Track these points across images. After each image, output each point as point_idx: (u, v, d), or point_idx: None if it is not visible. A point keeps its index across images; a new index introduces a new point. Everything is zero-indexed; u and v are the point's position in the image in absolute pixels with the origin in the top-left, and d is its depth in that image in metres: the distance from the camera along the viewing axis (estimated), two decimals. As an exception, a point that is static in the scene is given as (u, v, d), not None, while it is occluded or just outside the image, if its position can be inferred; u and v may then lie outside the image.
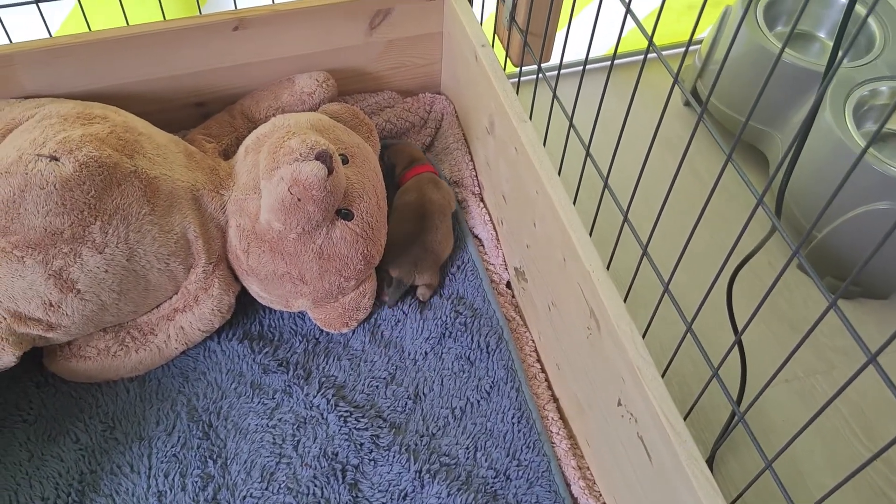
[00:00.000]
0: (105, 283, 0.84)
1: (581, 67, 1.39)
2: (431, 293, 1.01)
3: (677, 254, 0.77)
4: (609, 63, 1.44)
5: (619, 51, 1.44)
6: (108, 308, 0.86)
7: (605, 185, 0.78)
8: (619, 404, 0.77)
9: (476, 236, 1.07)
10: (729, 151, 0.60)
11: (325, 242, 0.88)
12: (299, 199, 0.83)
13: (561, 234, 0.82)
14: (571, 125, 0.82)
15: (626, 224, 0.76)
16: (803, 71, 1.17)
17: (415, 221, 1.01)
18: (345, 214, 0.89)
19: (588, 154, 0.80)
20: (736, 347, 0.97)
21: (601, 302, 0.76)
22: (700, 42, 1.43)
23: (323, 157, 0.83)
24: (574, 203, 0.83)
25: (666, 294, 0.72)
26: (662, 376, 0.72)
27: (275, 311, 0.99)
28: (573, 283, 0.82)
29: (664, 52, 1.47)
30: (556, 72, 1.35)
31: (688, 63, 1.40)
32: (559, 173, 0.86)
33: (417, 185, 1.04)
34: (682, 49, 1.47)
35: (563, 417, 0.93)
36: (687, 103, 1.40)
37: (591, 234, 0.82)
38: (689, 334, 0.71)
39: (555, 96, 0.84)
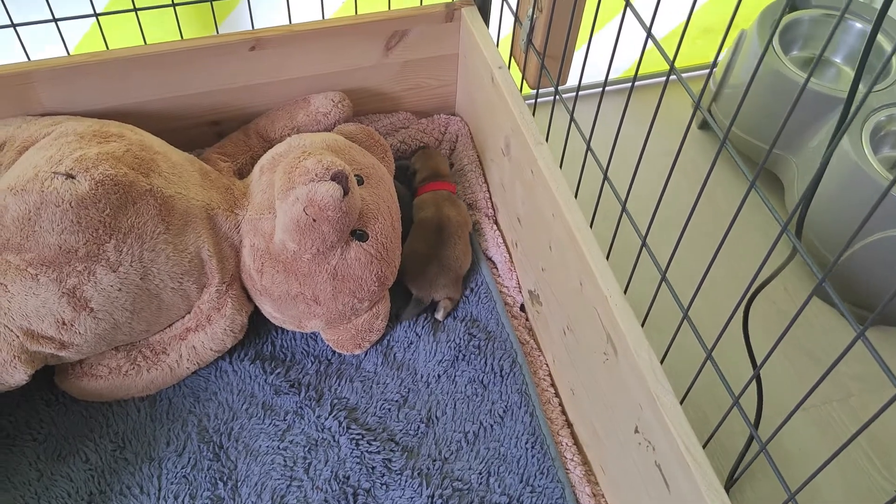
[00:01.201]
0: (118, 302, 0.83)
1: (596, 90, 1.39)
2: (454, 306, 1.00)
3: (692, 278, 0.76)
4: (628, 85, 1.44)
5: (627, 75, 1.44)
6: (121, 327, 0.85)
7: (623, 210, 0.78)
8: (637, 431, 0.76)
9: (490, 258, 1.06)
10: (752, 178, 0.59)
11: (340, 263, 0.88)
12: (314, 220, 0.83)
13: (577, 258, 0.82)
14: (589, 148, 0.81)
15: (644, 249, 0.76)
16: (819, 96, 1.17)
17: (433, 238, 1.01)
18: (360, 235, 0.89)
19: (605, 178, 0.80)
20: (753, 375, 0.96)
21: (618, 327, 0.75)
22: (715, 65, 1.43)
23: (339, 177, 0.83)
24: (591, 226, 0.83)
25: (684, 321, 0.71)
26: (681, 403, 0.71)
27: (287, 331, 0.98)
28: (589, 308, 0.81)
29: (672, 77, 1.48)
30: (572, 94, 1.35)
31: (701, 86, 1.40)
32: (575, 196, 0.86)
33: (435, 201, 1.04)
34: (696, 73, 1.47)
35: (577, 443, 0.92)
36: (702, 127, 1.39)
37: (607, 258, 0.81)
38: (708, 362, 0.70)
39: (572, 119, 0.84)
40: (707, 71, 1.41)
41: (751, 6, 1.39)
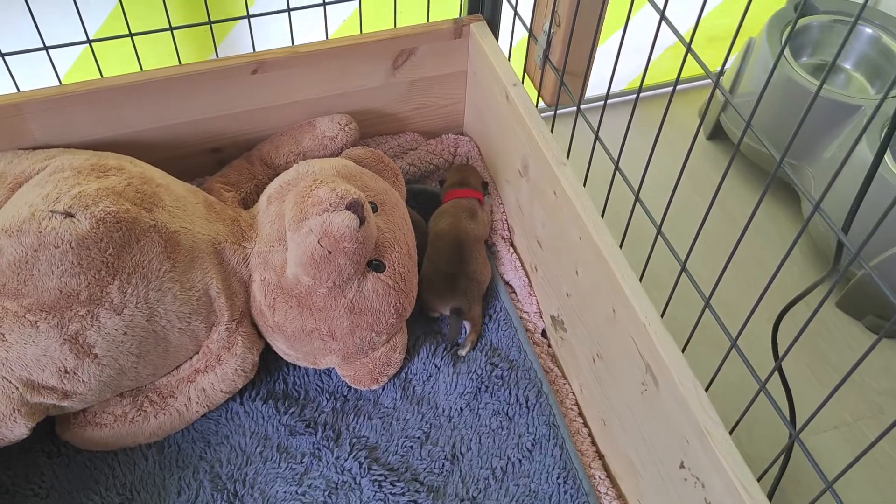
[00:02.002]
0: (124, 346, 0.78)
1: (610, 101, 1.35)
2: (478, 332, 0.97)
3: (719, 298, 0.72)
4: (632, 97, 1.41)
5: (632, 86, 1.41)
6: (127, 372, 0.80)
7: (659, 232, 0.74)
8: (682, 467, 0.72)
9: (507, 283, 1.02)
10: (769, 179, 0.56)
11: (357, 296, 0.83)
12: (330, 252, 0.78)
13: (609, 283, 0.78)
14: (617, 168, 0.78)
15: (683, 272, 0.72)
16: (833, 103, 1.14)
17: (454, 255, 0.97)
18: (376, 266, 0.84)
19: (637, 199, 0.76)
20: (783, 393, 0.92)
21: (659, 357, 0.71)
22: (723, 73, 1.40)
23: (354, 206, 0.79)
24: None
25: (734, 349, 0.67)
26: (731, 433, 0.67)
27: (299, 367, 0.93)
28: (624, 336, 0.77)
29: (684, 86, 1.45)
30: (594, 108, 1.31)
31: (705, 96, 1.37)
32: (601, 216, 0.82)
33: (453, 211, 1.00)
34: (701, 82, 1.44)
35: (610, 476, 0.87)
36: (711, 137, 1.36)
37: (640, 281, 0.77)
38: (762, 392, 0.66)
39: (597, 138, 0.80)
40: (707, 81, 1.38)
41: (756, 14, 1.36)
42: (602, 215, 0.82)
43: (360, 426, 0.90)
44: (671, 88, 1.42)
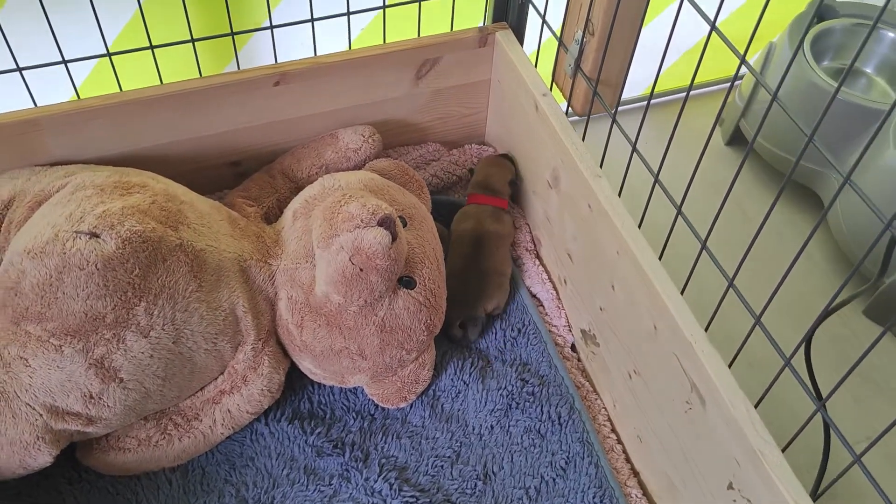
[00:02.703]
0: (150, 369, 0.76)
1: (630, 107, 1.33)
2: (502, 310, 0.97)
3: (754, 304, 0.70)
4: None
5: (649, 91, 1.39)
6: (152, 395, 0.78)
7: (703, 247, 0.72)
8: (731, 488, 0.70)
9: (534, 295, 1.00)
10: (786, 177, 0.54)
11: (388, 314, 0.81)
12: (361, 270, 0.76)
13: (650, 299, 0.76)
14: (657, 181, 0.76)
15: (731, 289, 0.70)
16: (856, 107, 1.12)
17: (469, 252, 0.96)
18: (407, 283, 0.82)
19: (679, 212, 0.74)
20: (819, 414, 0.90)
21: (708, 376, 0.69)
22: (742, 78, 1.38)
23: (386, 222, 0.76)
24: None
25: (787, 368, 0.65)
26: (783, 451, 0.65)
27: (324, 385, 0.91)
28: (667, 353, 0.75)
29: (702, 90, 1.43)
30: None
31: (728, 101, 1.35)
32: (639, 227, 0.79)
33: (477, 213, 0.99)
34: (719, 86, 1.43)
35: (647, 494, 0.85)
36: (729, 143, 1.34)
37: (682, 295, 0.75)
38: (820, 414, 0.64)
39: (634, 149, 0.78)
40: (729, 84, 1.36)
41: (778, 18, 1.34)
42: (639, 227, 0.80)
43: (389, 446, 0.88)
44: (706, 90, 1.41)
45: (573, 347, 0.97)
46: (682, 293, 0.75)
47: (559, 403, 0.90)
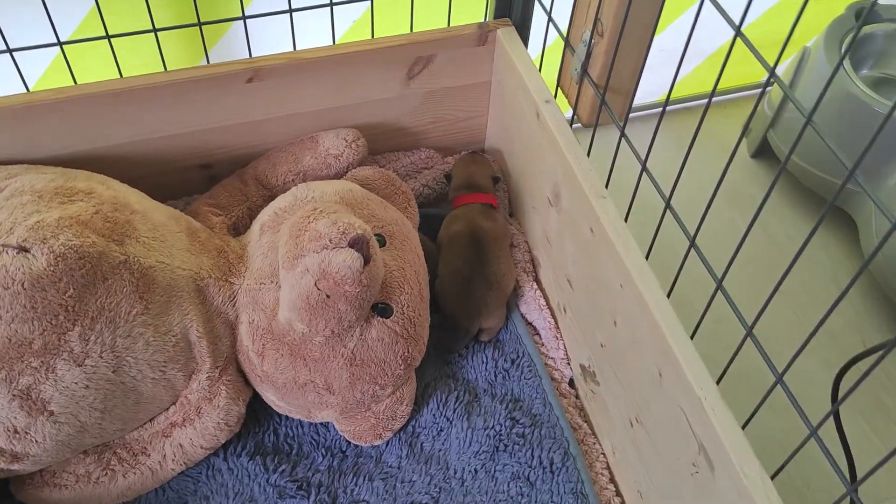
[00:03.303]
0: (85, 401, 0.67)
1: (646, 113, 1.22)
2: (494, 336, 0.88)
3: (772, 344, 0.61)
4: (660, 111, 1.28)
5: (672, 95, 1.28)
6: (89, 429, 0.69)
7: (719, 287, 0.62)
8: (741, 568, 0.60)
9: (530, 323, 0.90)
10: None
11: (359, 346, 0.72)
12: (328, 296, 0.67)
13: (656, 341, 0.66)
14: (668, 207, 0.66)
15: (749, 338, 0.60)
16: (899, 123, 1.01)
17: (471, 254, 0.86)
18: (382, 310, 0.72)
19: (693, 245, 0.64)
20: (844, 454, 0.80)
21: (718, 438, 0.59)
22: (773, 84, 1.27)
23: (358, 243, 0.67)
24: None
25: (813, 438, 0.55)
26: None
27: (293, 418, 0.82)
28: (671, 405, 0.65)
29: (727, 97, 1.32)
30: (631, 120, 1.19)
31: (756, 109, 1.24)
32: (646, 258, 0.70)
33: (466, 213, 0.89)
34: (746, 93, 1.32)
35: (646, 555, 0.76)
36: (756, 155, 1.24)
37: (692, 338, 0.65)
38: (851, 497, 0.54)
39: (644, 169, 0.68)
40: (759, 90, 1.24)
41: (811, 20, 1.23)
42: (647, 258, 0.70)
43: (360, 488, 0.79)
44: (730, 96, 1.30)
45: (571, 383, 0.87)
46: (692, 337, 0.65)
47: (552, 448, 0.80)
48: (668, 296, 0.67)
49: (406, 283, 0.75)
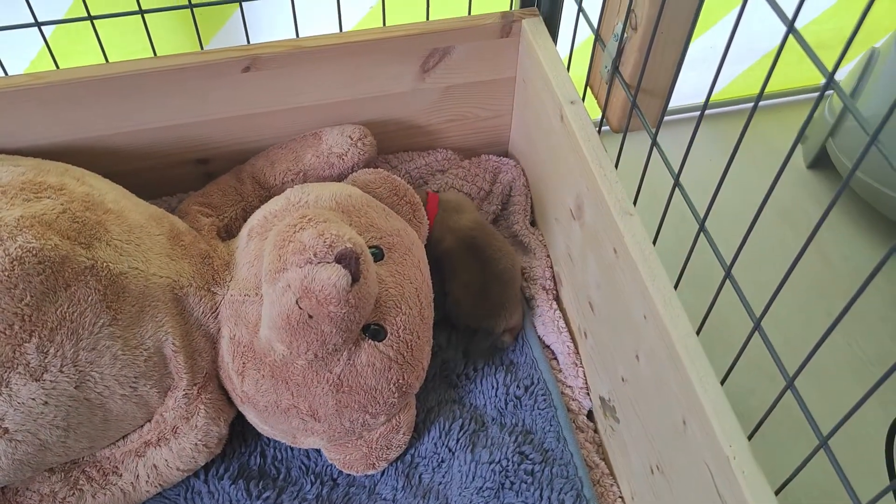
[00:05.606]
0: (45, 418, 0.61)
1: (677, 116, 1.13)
2: (515, 338, 0.82)
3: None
4: (702, 114, 1.18)
5: (722, 97, 1.18)
6: (52, 447, 0.63)
7: (756, 327, 0.53)
8: None
9: (547, 346, 0.82)
10: None
11: (347, 371, 0.64)
12: (311, 316, 0.60)
13: (681, 387, 0.57)
14: (703, 229, 0.57)
15: (790, 390, 0.51)
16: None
17: (472, 264, 0.79)
18: (374, 332, 0.65)
19: (728, 275, 0.55)
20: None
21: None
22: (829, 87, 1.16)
23: (346, 258, 0.60)
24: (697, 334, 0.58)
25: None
26: None
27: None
28: (697, 460, 0.56)
29: (780, 101, 1.21)
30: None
31: (815, 115, 1.14)
32: (675, 287, 0.61)
33: (440, 225, 0.82)
34: (805, 96, 1.21)
35: None
36: (812, 165, 1.13)
37: (722, 384, 0.56)
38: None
39: (677, 184, 0.59)
40: (817, 94, 1.13)
41: (878, 18, 1.11)
42: (675, 287, 0.61)
43: (349, 523, 0.72)
44: (787, 99, 1.20)
45: (590, 415, 0.79)
46: (722, 382, 0.56)
47: (563, 489, 0.72)
48: (698, 332, 0.58)
49: (404, 302, 0.67)
